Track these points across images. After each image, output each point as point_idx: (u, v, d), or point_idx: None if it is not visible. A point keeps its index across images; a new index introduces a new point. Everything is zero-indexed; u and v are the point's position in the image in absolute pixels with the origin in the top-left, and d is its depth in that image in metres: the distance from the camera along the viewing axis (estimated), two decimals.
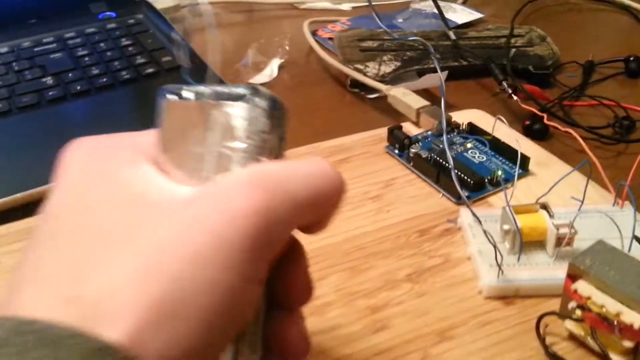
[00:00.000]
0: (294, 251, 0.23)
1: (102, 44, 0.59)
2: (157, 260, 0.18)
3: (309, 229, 0.23)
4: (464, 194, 0.40)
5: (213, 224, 0.19)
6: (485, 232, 0.32)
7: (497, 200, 0.41)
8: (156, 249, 0.19)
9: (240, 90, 0.22)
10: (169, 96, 0.22)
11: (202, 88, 0.22)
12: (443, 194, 0.42)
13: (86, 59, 0.57)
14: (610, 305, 0.29)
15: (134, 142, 0.22)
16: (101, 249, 0.19)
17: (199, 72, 0.55)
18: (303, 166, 0.21)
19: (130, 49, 0.59)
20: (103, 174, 0.21)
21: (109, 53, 0.58)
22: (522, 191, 0.41)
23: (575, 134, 0.42)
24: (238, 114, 0.21)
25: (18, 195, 0.42)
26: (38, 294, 0.18)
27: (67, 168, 0.21)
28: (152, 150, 0.22)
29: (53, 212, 0.20)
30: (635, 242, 0.33)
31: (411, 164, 0.44)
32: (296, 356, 0.23)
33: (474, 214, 0.33)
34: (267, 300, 0.22)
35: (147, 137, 0.23)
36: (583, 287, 0.30)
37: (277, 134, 0.22)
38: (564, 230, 0.34)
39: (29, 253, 0.20)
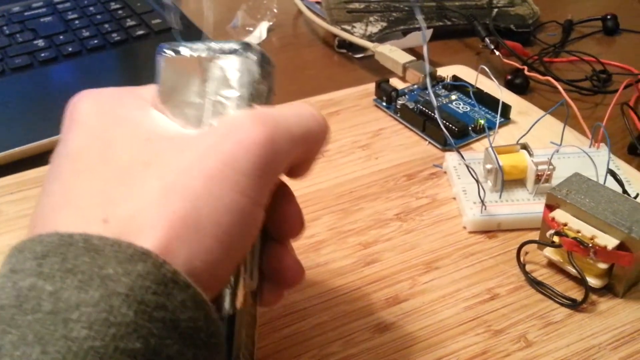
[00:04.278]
0: (283, 190, 0.25)
1: (91, 8, 0.60)
2: (179, 183, 0.20)
3: (295, 171, 0.25)
4: (450, 140, 0.42)
5: (226, 152, 0.21)
6: (468, 166, 0.34)
7: (480, 146, 0.43)
8: (177, 173, 0.21)
9: (233, 45, 0.24)
10: (167, 52, 0.24)
11: (197, 44, 0.24)
12: (429, 142, 0.43)
13: (76, 22, 0.58)
14: (586, 230, 0.31)
15: (137, 93, 0.24)
16: (127, 176, 0.21)
17: (190, 34, 0.56)
18: (293, 108, 0.24)
19: (119, 12, 0.60)
20: (116, 117, 0.23)
21: (98, 16, 0.59)
22: (504, 137, 0.43)
23: (554, 82, 0.44)
24: (232, 66, 0.24)
25: (16, 149, 0.43)
26: (75, 216, 0.20)
27: (80, 114, 0.23)
28: (152, 102, 0.24)
29: (74, 151, 0.22)
30: (609, 176, 0.35)
31: (398, 114, 0.46)
32: (292, 280, 0.25)
33: (459, 152, 0.34)
34: (262, 235, 0.24)
35: (147, 90, 0.24)
36: (560, 214, 0.32)
37: (267, 84, 0.24)
38: (543, 167, 0.36)
39: (54, 186, 0.21)
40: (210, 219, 0.20)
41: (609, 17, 0.61)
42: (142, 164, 0.21)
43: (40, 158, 0.43)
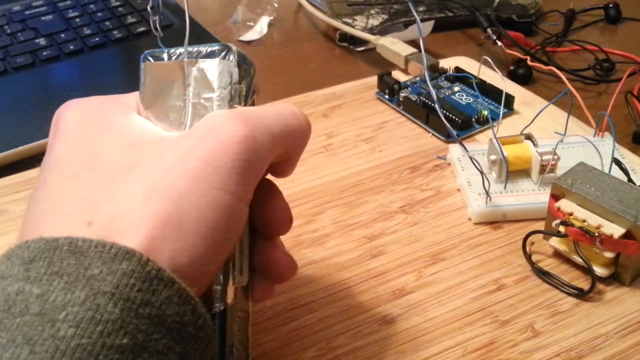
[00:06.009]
0: (269, 187, 0.26)
1: (92, 6, 0.60)
2: (162, 183, 0.21)
3: (280, 169, 0.26)
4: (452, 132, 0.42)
5: (207, 151, 0.21)
6: (471, 158, 0.34)
7: (483, 137, 0.43)
8: (159, 174, 0.21)
9: (212, 47, 0.25)
10: (148, 59, 0.25)
11: (177, 49, 0.25)
12: (433, 134, 0.43)
13: (77, 20, 0.58)
14: (591, 219, 0.31)
15: (121, 100, 0.25)
16: (112, 182, 0.21)
17: (187, 30, 0.56)
18: (274, 107, 0.25)
19: (120, 9, 0.60)
20: (100, 124, 0.23)
21: (99, 14, 0.59)
22: (508, 128, 0.43)
23: (557, 72, 0.44)
24: (211, 68, 0.24)
25: (20, 148, 0.43)
26: (61, 222, 0.21)
27: (65, 124, 0.23)
28: (136, 108, 0.24)
29: (60, 160, 0.22)
30: (614, 165, 0.35)
31: (401, 107, 0.45)
32: (283, 274, 0.26)
33: (461, 145, 0.34)
34: (251, 233, 0.25)
35: (131, 97, 0.25)
36: (565, 204, 0.32)
37: (247, 85, 0.25)
38: (547, 157, 0.36)
39: (41, 194, 0.22)
40: (193, 216, 0.21)
41: (611, 5, 0.60)
42: (125, 168, 0.21)
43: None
